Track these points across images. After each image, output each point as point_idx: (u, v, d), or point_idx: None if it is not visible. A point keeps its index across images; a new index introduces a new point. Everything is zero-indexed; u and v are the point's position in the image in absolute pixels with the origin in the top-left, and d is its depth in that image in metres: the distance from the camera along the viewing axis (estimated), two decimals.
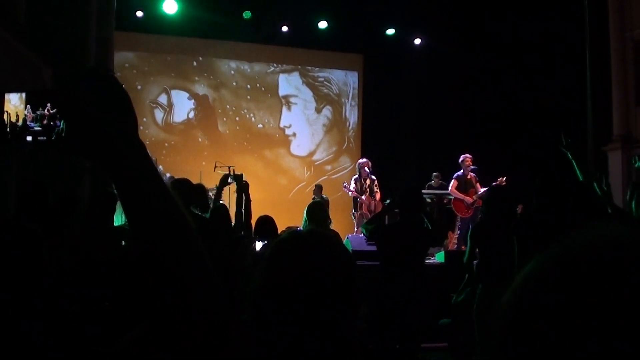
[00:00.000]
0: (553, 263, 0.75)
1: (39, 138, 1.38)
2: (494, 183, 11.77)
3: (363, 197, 12.81)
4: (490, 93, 17.33)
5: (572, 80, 15.98)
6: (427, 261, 11.06)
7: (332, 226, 10.05)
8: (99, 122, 1.22)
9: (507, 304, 0.77)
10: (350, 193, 13.17)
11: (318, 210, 6.95)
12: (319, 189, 15.01)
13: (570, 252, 0.74)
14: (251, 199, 7.06)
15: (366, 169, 12.90)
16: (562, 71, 16.00)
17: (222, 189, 7.74)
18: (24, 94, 1.44)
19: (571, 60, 16.04)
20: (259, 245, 7.64)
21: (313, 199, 14.00)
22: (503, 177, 11.83)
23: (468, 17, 16.85)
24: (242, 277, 5.24)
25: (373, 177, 13.08)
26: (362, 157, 14.49)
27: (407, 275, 6.17)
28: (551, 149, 6.44)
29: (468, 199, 12.13)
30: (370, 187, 12.95)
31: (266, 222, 6.56)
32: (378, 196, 12.74)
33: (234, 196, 7.63)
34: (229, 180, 7.55)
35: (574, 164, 5.68)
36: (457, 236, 12.65)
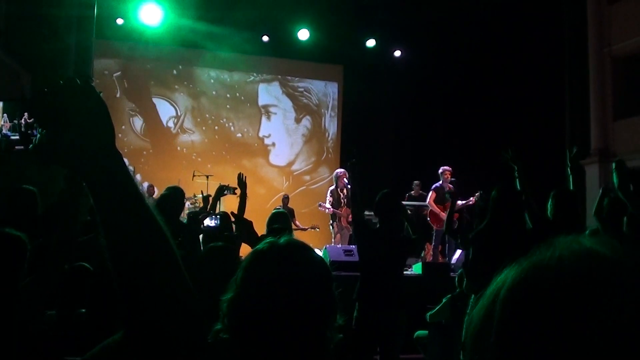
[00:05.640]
0: (528, 274, 0.76)
1: (16, 147, 1.38)
2: (470, 199, 11.81)
3: (340, 210, 12.73)
4: (469, 105, 17.43)
5: (550, 95, 16.10)
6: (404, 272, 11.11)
7: (314, 236, 10.00)
8: (76, 131, 1.22)
9: (480, 314, 0.79)
10: (327, 211, 13.05)
11: (276, 219, 6.85)
12: (286, 199, 15.02)
13: (543, 265, 0.76)
14: (229, 207, 6.94)
15: (344, 179, 12.86)
16: (540, 85, 16.12)
17: (218, 200, 7.75)
18: (1, 103, 1.44)
19: (550, 75, 16.17)
20: (208, 221, 7.57)
21: (277, 208, 14.05)
22: (477, 193, 11.81)
23: (448, 30, 16.94)
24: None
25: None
26: (340, 168, 14.47)
27: (386, 283, 6.16)
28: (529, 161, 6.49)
29: (443, 215, 12.11)
30: (347, 197, 12.92)
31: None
32: None
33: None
34: (225, 192, 7.52)
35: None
36: (433, 247, 12.65)
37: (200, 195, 8.52)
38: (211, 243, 4.75)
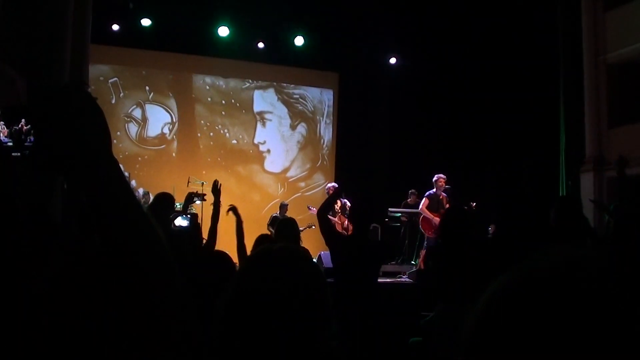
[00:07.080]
0: (517, 282, 0.78)
1: (12, 154, 1.38)
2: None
3: (335, 218, 12.81)
4: (464, 113, 17.45)
5: (545, 102, 16.12)
6: (397, 279, 11.12)
7: (307, 243, 9.94)
8: (72, 137, 1.23)
9: (472, 322, 0.80)
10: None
11: (289, 226, 6.78)
12: (284, 207, 14.95)
13: (533, 272, 0.77)
14: (225, 215, 6.78)
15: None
16: (535, 93, 16.14)
17: (188, 207, 7.70)
18: None
19: (545, 83, 16.19)
20: (179, 221, 7.52)
21: (274, 215, 14.05)
22: (473, 203, 11.83)
23: (443, 38, 16.98)
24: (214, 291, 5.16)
25: (344, 200, 13.10)
26: (336, 175, 14.55)
27: (358, 290, 6.09)
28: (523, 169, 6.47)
29: (436, 220, 12.09)
30: (343, 207, 13.06)
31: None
32: None
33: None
34: (195, 199, 7.50)
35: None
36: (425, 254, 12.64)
37: (197, 200, 8.46)
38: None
